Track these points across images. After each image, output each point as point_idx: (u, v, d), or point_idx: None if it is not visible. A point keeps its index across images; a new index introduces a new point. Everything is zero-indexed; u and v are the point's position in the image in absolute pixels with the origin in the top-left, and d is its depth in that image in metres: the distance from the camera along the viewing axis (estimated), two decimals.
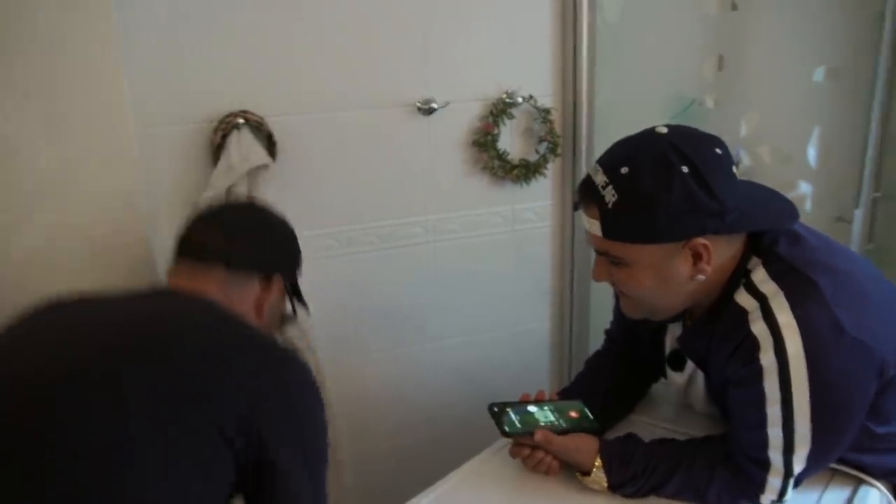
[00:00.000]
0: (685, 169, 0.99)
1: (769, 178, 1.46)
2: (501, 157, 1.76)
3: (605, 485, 1.15)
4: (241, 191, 1.51)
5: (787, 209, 1.12)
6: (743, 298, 1.07)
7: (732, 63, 2.01)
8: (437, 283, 1.83)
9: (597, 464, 1.15)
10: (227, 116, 1.52)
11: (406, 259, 1.78)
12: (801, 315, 1.00)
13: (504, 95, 1.73)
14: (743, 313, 1.05)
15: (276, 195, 1.56)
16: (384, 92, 1.65)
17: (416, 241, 1.77)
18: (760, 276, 1.06)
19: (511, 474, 1.25)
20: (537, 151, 1.80)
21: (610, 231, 1.05)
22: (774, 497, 1.08)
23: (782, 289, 1.03)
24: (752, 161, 2.03)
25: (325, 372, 1.69)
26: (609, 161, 1.05)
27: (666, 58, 2.02)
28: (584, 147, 1.82)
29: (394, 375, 1.86)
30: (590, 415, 1.25)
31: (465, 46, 1.69)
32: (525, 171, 1.79)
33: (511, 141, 1.78)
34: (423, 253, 1.79)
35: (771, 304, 1.03)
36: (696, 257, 1.05)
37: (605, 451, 1.16)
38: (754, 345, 1.03)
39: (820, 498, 1.16)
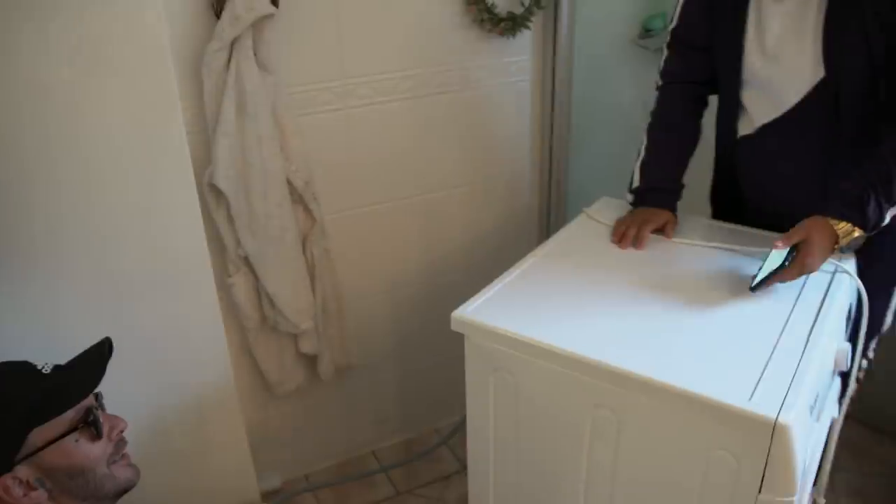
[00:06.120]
0: None
1: None
2: (490, 10, 1.79)
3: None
4: (247, 42, 1.50)
5: None
6: None
7: None
8: (426, 136, 1.88)
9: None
10: None
11: (399, 113, 1.81)
12: None
13: None
14: None
15: (279, 48, 1.56)
16: None
17: (409, 94, 1.80)
18: None
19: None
20: (522, 4, 1.83)
21: None
22: None
23: None
24: None
25: (327, 223, 1.75)
26: None
27: None
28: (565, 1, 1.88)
29: (388, 227, 1.93)
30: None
31: None
32: (512, 25, 1.83)
33: None
34: (414, 107, 1.82)
35: None
36: None
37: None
38: None
39: None
